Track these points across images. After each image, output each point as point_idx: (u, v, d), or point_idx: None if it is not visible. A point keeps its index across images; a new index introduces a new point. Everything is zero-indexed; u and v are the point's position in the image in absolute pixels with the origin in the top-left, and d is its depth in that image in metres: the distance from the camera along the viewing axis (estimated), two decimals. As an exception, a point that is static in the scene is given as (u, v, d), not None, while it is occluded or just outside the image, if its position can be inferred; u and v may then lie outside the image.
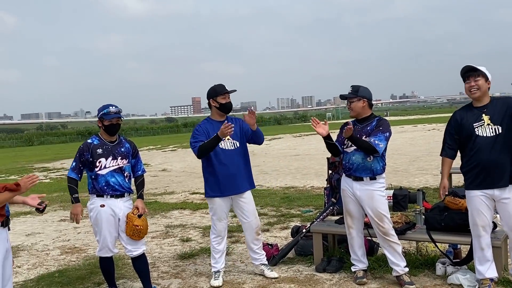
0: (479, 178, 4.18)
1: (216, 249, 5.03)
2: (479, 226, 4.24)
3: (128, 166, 4.57)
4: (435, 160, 15.16)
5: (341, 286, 4.69)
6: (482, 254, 4.28)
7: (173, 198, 11.00)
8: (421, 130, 34.85)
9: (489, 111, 4.17)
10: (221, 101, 4.87)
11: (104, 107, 4.49)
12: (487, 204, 4.21)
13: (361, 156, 4.58)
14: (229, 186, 4.83)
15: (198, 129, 4.89)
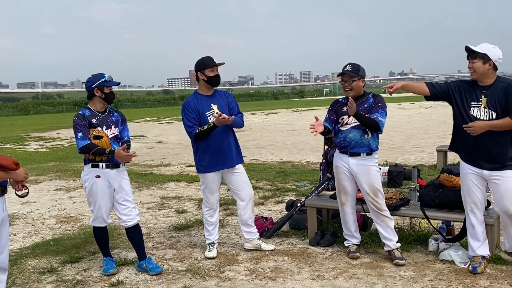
0: (469, 156, 4.22)
1: (209, 222, 5.04)
2: (469, 204, 4.29)
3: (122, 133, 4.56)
4: (431, 137, 15.19)
5: (334, 259, 4.74)
6: (473, 231, 4.32)
7: (169, 170, 11.01)
8: (418, 107, 34.81)
9: (489, 93, 4.11)
10: (209, 74, 4.77)
11: (99, 76, 4.44)
12: (478, 183, 4.23)
13: (359, 134, 4.57)
14: (221, 161, 4.81)
15: (188, 107, 4.80)
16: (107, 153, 4.30)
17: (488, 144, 4.09)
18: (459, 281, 4.07)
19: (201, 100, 4.83)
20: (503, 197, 4.14)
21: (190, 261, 4.86)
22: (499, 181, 4.12)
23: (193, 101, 4.85)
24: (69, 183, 9.75)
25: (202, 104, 4.80)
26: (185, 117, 4.80)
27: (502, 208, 4.19)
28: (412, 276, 4.23)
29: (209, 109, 4.80)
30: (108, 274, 4.52)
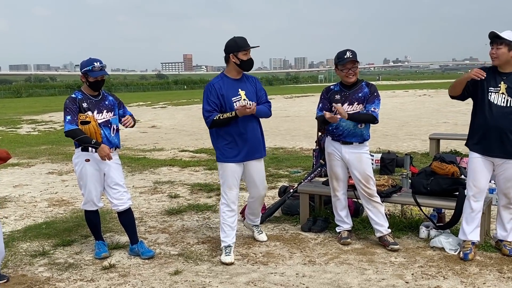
0: (481, 143, 4.23)
1: (226, 222, 4.52)
2: (473, 188, 4.31)
3: (114, 119, 4.51)
4: (424, 125, 15.24)
5: (326, 245, 4.77)
6: (470, 215, 4.36)
7: (162, 155, 11.00)
8: (412, 95, 34.87)
9: (508, 80, 4.14)
10: (243, 57, 4.32)
11: (88, 63, 4.36)
12: (487, 168, 4.27)
13: (352, 123, 4.57)
14: (244, 151, 4.42)
15: (211, 90, 4.35)
16: (92, 143, 4.26)
17: (503, 131, 4.11)
18: (449, 268, 4.11)
19: (228, 83, 4.38)
20: (508, 181, 4.24)
21: (183, 246, 4.88)
22: (508, 165, 4.19)
23: (219, 84, 4.38)
24: (61, 166, 9.72)
25: (229, 88, 4.36)
26: (206, 101, 4.36)
27: (503, 190, 4.29)
28: (403, 262, 4.27)
29: (236, 95, 4.37)
30: (100, 257, 4.53)
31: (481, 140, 4.23)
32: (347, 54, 4.53)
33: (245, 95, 4.40)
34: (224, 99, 4.33)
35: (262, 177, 4.67)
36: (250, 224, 5.04)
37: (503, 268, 4.07)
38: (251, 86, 4.49)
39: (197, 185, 7.60)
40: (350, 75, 4.56)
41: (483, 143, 4.22)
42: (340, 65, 4.55)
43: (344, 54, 4.55)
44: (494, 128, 4.14)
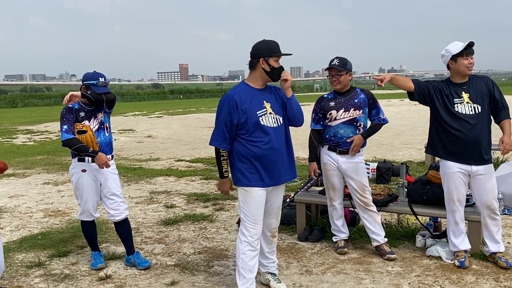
0: (455, 152, 4.23)
1: (247, 265, 3.75)
2: (455, 202, 4.32)
3: (105, 117, 4.49)
4: (420, 134, 15.30)
5: (322, 255, 4.77)
6: (456, 228, 4.38)
7: (158, 165, 10.98)
8: (407, 104, 34.97)
9: (468, 89, 4.20)
10: (274, 64, 3.65)
11: (93, 76, 4.36)
12: (463, 180, 4.28)
13: (350, 129, 4.60)
14: (271, 174, 3.72)
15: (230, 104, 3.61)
16: (90, 152, 4.24)
17: (479, 139, 4.15)
18: (445, 277, 4.11)
19: (252, 94, 3.69)
20: (488, 192, 4.23)
21: (179, 256, 4.86)
22: (484, 176, 4.20)
23: (240, 96, 3.65)
24: (57, 176, 9.69)
25: (252, 99, 3.66)
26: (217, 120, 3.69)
27: (485, 203, 4.26)
28: (400, 272, 4.27)
29: (262, 108, 3.68)
30: (96, 268, 4.51)
31: (457, 151, 4.21)
32: (334, 61, 4.59)
33: (271, 108, 3.73)
34: (246, 114, 3.62)
35: (278, 205, 3.96)
36: (264, 274, 4.07)
37: (500, 277, 4.08)
38: (276, 96, 3.82)
39: (194, 195, 7.59)
40: (334, 82, 4.61)
41: (458, 153, 4.21)
42: (328, 72, 4.64)
43: (332, 61, 4.61)
44: (467, 136, 4.14)
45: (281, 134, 3.77)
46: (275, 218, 3.94)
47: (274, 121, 3.71)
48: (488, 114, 4.22)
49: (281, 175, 3.79)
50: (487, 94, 4.18)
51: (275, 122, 3.72)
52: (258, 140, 3.65)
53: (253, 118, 3.63)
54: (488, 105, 4.20)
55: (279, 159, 3.74)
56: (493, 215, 4.30)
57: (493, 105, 4.21)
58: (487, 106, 4.19)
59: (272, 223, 3.94)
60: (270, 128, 3.68)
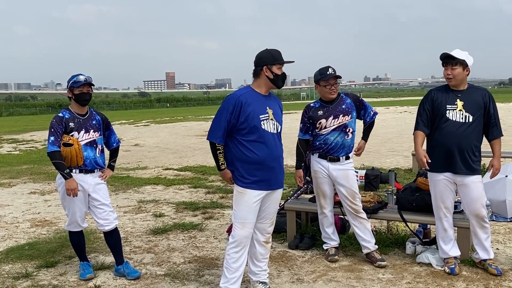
0: (442, 161, 4.25)
1: (230, 266, 3.84)
2: (442, 209, 4.36)
3: (100, 139, 4.48)
4: (406, 142, 15.41)
5: (313, 263, 4.76)
6: (445, 235, 4.41)
7: (146, 173, 10.91)
8: (393, 112, 35.29)
9: (464, 97, 4.23)
10: (277, 71, 3.78)
11: (73, 76, 4.38)
12: (450, 188, 4.32)
13: (340, 136, 4.62)
14: (268, 178, 3.80)
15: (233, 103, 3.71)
16: (64, 172, 4.19)
17: (465, 148, 4.18)
18: (436, 284, 4.13)
19: (257, 98, 3.79)
20: (475, 201, 4.25)
21: (169, 265, 4.82)
22: (471, 185, 4.22)
23: (246, 97, 3.74)
24: (44, 186, 9.57)
25: (257, 103, 3.76)
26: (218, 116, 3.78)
27: (474, 211, 4.28)
28: (390, 279, 4.28)
29: (265, 113, 3.78)
30: (85, 278, 4.45)
31: (442, 158, 4.24)
32: (329, 70, 4.60)
33: (273, 115, 3.83)
34: (247, 116, 3.71)
35: (274, 211, 4.00)
36: (254, 282, 4.05)
37: (490, 283, 4.10)
38: (277, 106, 3.94)
39: (182, 204, 7.54)
40: (332, 91, 4.62)
41: (443, 160, 4.24)
42: (323, 81, 4.59)
43: (326, 70, 4.61)
44: (456, 144, 4.18)
45: (279, 141, 3.91)
46: (270, 223, 3.98)
47: (274, 128, 3.83)
48: (479, 125, 4.23)
49: (278, 181, 3.89)
50: (482, 106, 4.21)
51: (275, 129, 3.84)
52: (259, 144, 3.75)
53: (256, 121, 3.73)
54: (481, 117, 4.22)
55: (277, 165, 3.85)
56: (482, 222, 4.32)
57: (486, 119, 4.23)
58: (479, 117, 4.20)
59: (267, 227, 3.97)
60: (270, 134, 3.79)
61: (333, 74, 4.57)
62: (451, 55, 4.16)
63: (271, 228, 4.02)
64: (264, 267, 4.04)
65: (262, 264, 4.02)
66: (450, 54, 4.17)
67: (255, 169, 3.76)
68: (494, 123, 4.24)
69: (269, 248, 4.06)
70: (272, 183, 3.85)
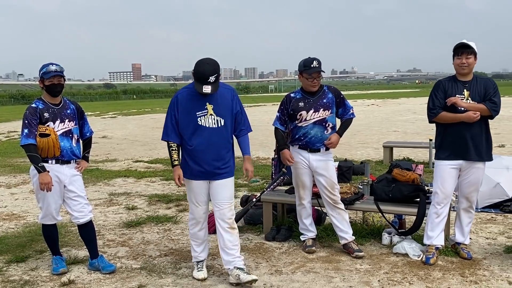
0: (451, 149, 4.34)
1: (194, 238, 4.31)
2: (440, 195, 4.42)
3: (75, 128, 4.35)
4: (375, 134, 15.61)
5: (291, 254, 4.75)
6: (436, 221, 4.47)
7: (116, 166, 10.71)
8: (360, 105, 35.68)
9: (470, 87, 4.32)
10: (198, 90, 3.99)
11: (44, 66, 4.22)
12: (454, 174, 4.40)
13: (320, 130, 4.61)
14: (207, 170, 4.06)
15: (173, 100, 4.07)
16: (38, 166, 4.05)
17: (475, 135, 4.28)
18: (413, 273, 4.18)
19: (195, 95, 4.01)
20: (471, 185, 4.40)
21: (144, 259, 4.73)
22: (474, 170, 4.35)
23: (183, 95, 4.08)
24: (9, 179, 9.27)
25: (194, 100, 4.02)
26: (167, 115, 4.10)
27: (466, 194, 4.45)
28: (368, 269, 4.31)
29: (203, 109, 4.01)
30: (58, 273, 4.32)
31: (451, 146, 4.33)
32: (314, 63, 4.55)
33: (213, 110, 4.03)
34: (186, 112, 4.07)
35: (227, 196, 4.16)
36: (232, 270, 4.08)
37: (465, 272, 4.18)
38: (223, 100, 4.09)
39: (155, 196, 7.43)
40: (314, 85, 4.59)
41: (452, 149, 4.33)
42: (306, 73, 4.56)
43: (311, 63, 4.56)
44: (465, 131, 4.27)
45: (221, 134, 4.07)
46: (227, 208, 4.14)
47: (214, 122, 4.03)
48: None
49: (219, 172, 4.10)
50: (483, 94, 4.29)
51: (215, 123, 4.03)
52: (196, 138, 4.02)
53: (192, 118, 4.00)
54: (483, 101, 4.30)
55: (217, 157, 4.06)
56: (469, 208, 4.51)
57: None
58: None
59: (226, 213, 4.14)
60: (208, 128, 4.01)
61: (317, 68, 4.55)
62: (468, 44, 4.24)
63: (230, 213, 4.16)
64: (236, 254, 4.12)
65: (234, 251, 4.12)
66: (467, 44, 4.24)
67: (196, 161, 4.05)
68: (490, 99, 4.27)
69: (236, 234, 4.16)
70: (212, 174, 4.08)
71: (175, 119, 4.05)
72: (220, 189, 4.13)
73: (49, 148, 4.12)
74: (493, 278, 4.04)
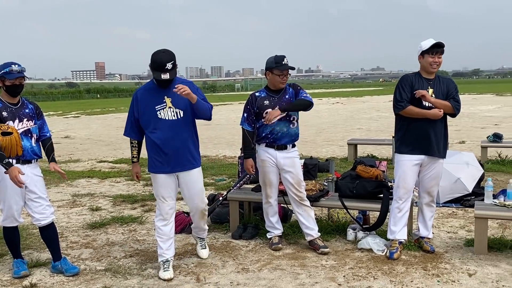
0: (414, 144, 4.43)
1: (160, 234, 4.31)
2: (402, 190, 4.51)
3: (35, 128, 4.24)
4: (340, 132, 15.82)
5: (257, 252, 4.76)
6: (398, 216, 4.56)
7: (79, 166, 10.50)
8: (326, 103, 36.08)
9: (434, 85, 4.44)
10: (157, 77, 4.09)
11: (5, 65, 4.09)
12: (415, 169, 4.50)
13: (285, 125, 4.63)
14: (171, 162, 4.18)
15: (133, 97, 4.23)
16: (3, 163, 3.93)
17: (436, 132, 4.40)
18: (377, 268, 4.25)
19: (154, 90, 4.18)
20: (432, 179, 4.54)
21: (109, 260, 4.65)
22: (435, 165, 4.48)
23: (142, 92, 4.23)
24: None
25: (153, 95, 4.17)
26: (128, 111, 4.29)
27: (428, 189, 4.58)
28: (334, 265, 4.36)
29: (161, 103, 4.15)
30: (19, 276, 4.20)
31: (415, 142, 4.43)
32: (285, 60, 4.58)
33: (171, 102, 4.15)
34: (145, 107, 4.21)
35: (197, 189, 4.34)
36: (195, 236, 4.75)
37: (427, 265, 4.28)
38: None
39: (120, 197, 7.32)
40: (284, 81, 4.62)
41: (418, 143, 4.42)
42: (278, 69, 4.56)
43: (282, 60, 4.57)
44: (429, 127, 4.38)
45: (181, 126, 4.18)
46: (199, 201, 4.39)
47: (173, 115, 4.15)
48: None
49: (184, 163, 4.21)
50: (447, 94, 4.42)
51: (175, 116, 4.15)
52: (158, 131, 4.14)
53: (152, 112, 4.13)
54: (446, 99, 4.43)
55: (179, 149, 4.17)
56: (431, 203, 4.65)
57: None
58: None
59: (199, 205, 4.41)
60: (168, 121, 4.14)
61: (288, 66, 4.58)
62: (443, 44, 4.34)
63: (203, 205, 4.43)
64: (204, 227, 4.63)
65: (203, 225, 4.60)
66: (443, 43, 4.34)
67: (160, 154, 4.18)
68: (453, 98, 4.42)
69: (205, 218, 4.58)
70: (176, 166, 4.20)
71: (135, 116, 4.21)
72: (189, 182, 4.28)
73: (11, 146, 4.00)
74: (454, 271, 4.15)
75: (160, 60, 3.99)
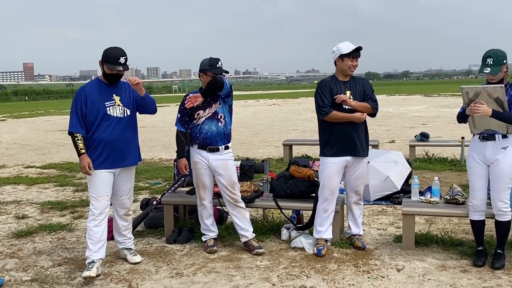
0: (337, 147, 4.52)
1: (91, 236, 4.25)
2: (328, 190, 4.58)
3: None
4: (276, 133, 15.99)
5: (192, 255, 4.71)
6: (324, 216, 4.65)
7: (4, 173, 9.97)
8: (263, 104, 36.40)
9: (351, 87, 4.55)
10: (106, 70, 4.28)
11: None
12: (339, 170, 4.58)
13: (214, 124, 4.62)
14: (115, 157, 4.27)
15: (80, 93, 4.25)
16: None
17: (358, 132, 4.52)
18: (310, 267, 4.32)
19: (102, 87, 4.32)
20: (359, 178, 4.66)
21: (36, 270, 4.44)
22: (359, 165, 4.61)
23: (90, 88, 4.31)
24: None
25: (102, 92, 4.28)
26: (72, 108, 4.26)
27: (354, 188, 4.70)
28: (268, 265, 4.38)
29: (110, 100, 4.29)
30: None
31: (337, 144, 4.51)
32: (219, 63, 4.62)
33: (120, 101, 4.33)
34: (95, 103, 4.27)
35: (129, 187, 4.51)
36: (121, 250, 4.65)
37: (358, 262, 4.40)
38: (126, 91, 4.42)
39: (48, 204, 7.01)
40: None
41: (342, 145, 4.51)
42: (212, 72, 4.57)
43: (216, 62, 4.61)
44: (352, 129, 4.49)
45: (128, 124, 4.36)
46: (127, 198, 4.52)
47: (121, 112, 4.32)
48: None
49: (126, 159, 4.36)
50: (364, 94, 4.55)
51: (122, 113, 4.33)
52: (105, 128, 4.23)
53: (101, 108, 4.23)
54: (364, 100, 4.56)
55: (125, 145, 4.33)
56: (359, 201, 4.78)
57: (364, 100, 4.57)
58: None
59: (125, 203, 4.53)
60: (116, 118, 4.28)
61: (222, 69, 4.61)
62: (362, 48, 4.44)
63: (129, 202, 4.57)
64: (128, 235, 4.63)
65: (126, 232, 4.61)
66: (362, 47, 4.44)
67: (104, 151, 4.23)
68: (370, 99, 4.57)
69: (130, 220, 4.64)
70: (119, 161, 4.31)
71: (81, 111, 4.22)
72: (127, 177, 4.46)
73: None
74: (383, 267, 4.28)
75: (115, 54, 4.18)
